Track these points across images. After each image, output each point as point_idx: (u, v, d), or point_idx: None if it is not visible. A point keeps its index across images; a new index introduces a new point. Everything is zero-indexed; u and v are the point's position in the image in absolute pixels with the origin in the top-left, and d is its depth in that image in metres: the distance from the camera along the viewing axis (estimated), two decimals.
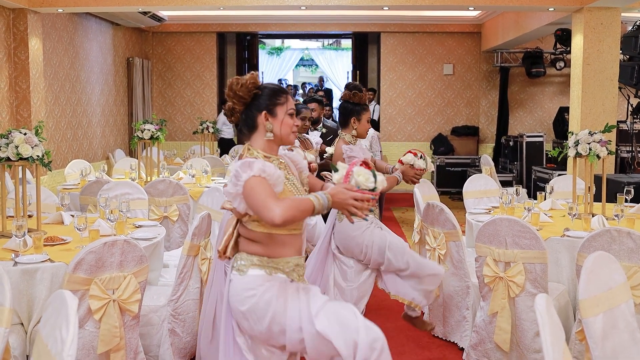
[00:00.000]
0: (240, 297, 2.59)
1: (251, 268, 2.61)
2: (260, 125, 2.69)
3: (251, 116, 2.69)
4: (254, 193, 2.46)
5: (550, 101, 12.77)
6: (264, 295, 2.56)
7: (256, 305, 2.56)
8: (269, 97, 2.69)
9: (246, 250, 2.64)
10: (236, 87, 2.64)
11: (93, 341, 3.32)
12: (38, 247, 3.84)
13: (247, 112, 2.69)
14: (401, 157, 4.33)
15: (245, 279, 2.60)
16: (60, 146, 9.30)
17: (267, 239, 2.62)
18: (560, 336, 2.34)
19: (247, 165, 2.50)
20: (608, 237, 3.73)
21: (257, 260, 2.61)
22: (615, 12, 7.75)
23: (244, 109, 2.70)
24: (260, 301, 2.55)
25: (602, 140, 5.03)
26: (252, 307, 2.56)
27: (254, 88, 2.67)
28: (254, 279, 2.59)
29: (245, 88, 2.64)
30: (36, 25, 8.23)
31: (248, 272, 2.61)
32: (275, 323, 2.54)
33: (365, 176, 2.54)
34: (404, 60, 12.97)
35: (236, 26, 12.99)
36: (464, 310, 4.59)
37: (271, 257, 2.63)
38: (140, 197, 5.69)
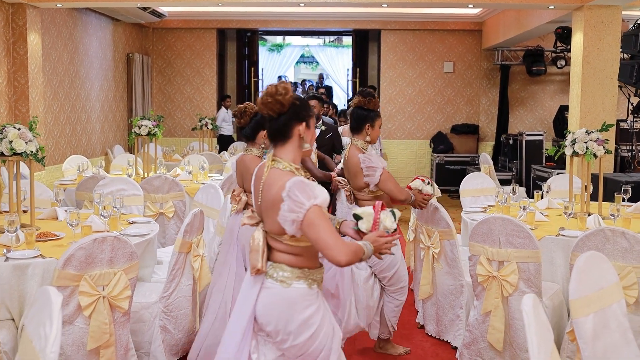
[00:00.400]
0: (283, 307, 2.57)
1: (295, 281, 2.58)
2: (295, 136, 2.63)
3: (289, 126, 2.62)
4: (319, 228, 2.43)
5: (551, 99, 12.74)
6: (309, 309, 2.57)
7: (300, 318, 2.56)
8: (306, 107, 2.66)
9: (285, 262, 2.60)
10: (281, 96, 2.58)
11: (83, 337, 3.31)
12: (30, 242, 3.83)
13: (282, 121, 2.61)
14: (410, 184, 4.35)
15: (290, 292, 2.57)
16: (58, 141, 9.29)
17: (306, 251, 2.60)
18: (547, 337, 2.32)
19: (307, 190, 2.45)
20: (602, 237, 3.71)
21: (299, 272, 2.59)
22: (615, 10, 7.72)
23: (275, 117, 2.62)
24: (306, 315, 2.56)
25: (599, 139, 5.00)
26: (295, 320, 2.56)
27: (293, 98, 2.63)
28: (299, 291, 2.58)
29: (289, 97, 2.59)
30: (35, 20, 8.21)
31: (293, 284, 2.58)
32: (313, 337, 2.57)
33: (390, 219, 2.64)
34: (404, 58, 12.94)
35: (236, 22, 12.96)
36: (457, 309, 4.57)
37: (310, 269, 2.62)
38: (136, 194, 5.68)
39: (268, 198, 2.57)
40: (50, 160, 8.98)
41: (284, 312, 2.55)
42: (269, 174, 2.60)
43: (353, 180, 4.18)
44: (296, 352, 2.58)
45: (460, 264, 4.54)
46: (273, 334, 2.59)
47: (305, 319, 2.55)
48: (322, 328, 2.59)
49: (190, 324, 4.16)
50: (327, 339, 2.60)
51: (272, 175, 2.59)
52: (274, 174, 2.59)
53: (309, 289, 2.59)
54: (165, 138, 12.96)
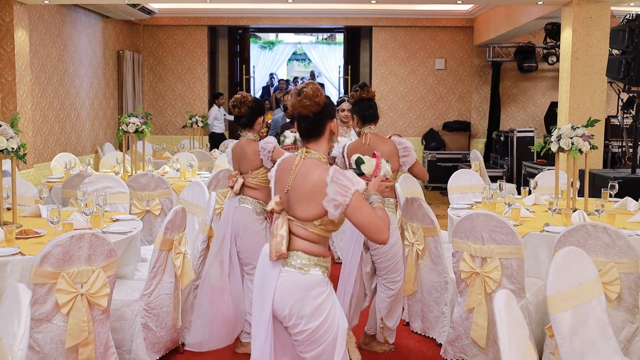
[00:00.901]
0: (300, 293, 2.69)
1: (312, 268, 2.72)
2: (327, 132, 2.82)
3: (322, 123, 2.80)
4: (364, 211, 2.64)
5: (543, 96, 12.73)
6: (322, 295, 2.72)
7: (314, 304, 2.69)
8: (333, 105, 2.89)
9: (302, 249, 2.73)
10: (317, 98, 2.75)
11: (61, 335, 3.29)
12: (10, 240, 3.81)
13: (317, 119, 2.78)
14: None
15: (307, 278, 2.70)
16: (47, 139, 9.25)
17: (322, 239, 2.77)
18: (521, 333, 2.30)
19: (349, 176, 2.64)
20: (584, 232, 3.70)
21: (316, 260, 2.73)
22: (604, 6, 7.72)
23: (311, 116, 2.77)
24: (319, 301, 2.70)
25: (585, 135, 4.99)
26: (309, 305, 2.68)
27: (326, 97, 2.83)
28: (315, 278, 2.71)
29: (324, 97, 2.79)
30: (22, 16, 8.17)
31: (310, 271, 2.71)
32: (322, 324, 2.70)
33: (387, 166, 3.04)
34: (395, 55, 12.92)
35: (228, 20, 12.92)
36: (442, 306, 4.56)
37: (324, 257, 2.77)
38: (122, 191, 5.65)
39: (304, 185, 2.71)
40: (39, 158, 8.93)
41: (299, 298, 2.68)
42: (302, 163, 2.76)
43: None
44: (305, 337, 2.69)
45: (445, 260, 4.53)
46: (286, 319, 2.70)
47: (318, 305, 2.69)
48: (331, 315, 2.72)
49: (172, 322, 4.14)
50: (334, 327, 2.72)
51: (307, 165, 2.75)
52: (309, 163, 2.75)
53: (323, 277, 2.74)
54: (156, 136, 12.92)
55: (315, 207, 2.67)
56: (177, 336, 4.29)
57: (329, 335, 2.70)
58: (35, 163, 8.70)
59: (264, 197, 4.33)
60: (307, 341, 2.70)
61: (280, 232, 2.71)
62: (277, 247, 2.69)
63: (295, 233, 2.74)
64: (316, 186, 2.66)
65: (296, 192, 2.74)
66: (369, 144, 4.27)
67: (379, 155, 2.97)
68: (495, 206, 5.12)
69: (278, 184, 2.86)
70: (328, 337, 2.70)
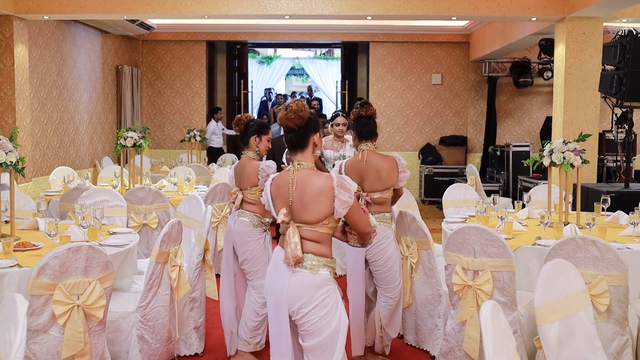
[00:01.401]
0: (311, 290, 3.00)
1: (321, 268, 3.04)
2: (310, 144, 3.14)
3: (306, 136, 3.11)
4: (358, 209, 3.07)
5: (539, 111, 12.83)
6: (329, 292, 3.03)
7: (319, 299, 3.00)
8: (317, 120, 3.19)
9: (312, 251, 3.04)
10: (302, 112, 3.07)
11: (57, 346, 3.33)
12: (7, 252, 3.86)
13: (301, 133, 3.10)
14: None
15: (317, 277, 3.02)
16: (46, 153, 9.31)
17: (328, 239, 3.10)
18: (507, 344, 2.35)
19: (348, 180, 3.02)
20: (573, 246, 3.76)
21: (324, 261, 3.05)
22: (597, 22, 7.82)
23: (296, 129, 3.09)
24: (324, 297, 3.01)
25: (576, 149, 5.06)
26: (315, 299, 2.99)
27: (310, 112, 3.14)
28: (324, 277, 3.03)
29: (308, 112, 3.10)
30: (22, 32, 8.26)
31: (320, 271, 3.03)
32: (324, 317, 3.00)
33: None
34: (392, 70, 13.03)
35: (226, 35, 13.04)
36: (436, 319, 4.60)
37: (329, 258, 3.09)
38: (119, 205, 5.71)
39: (309, 192, 3.01)
40: (38, 172, 8.99)
41: (309, 294, 3.00)
42: (298, 175, 3.06)
43: (385, 181, 4.33)
44: (308, 327, 3.00)
45: (438, 273, 4.58)
46: (295, 313, 3.02)
47: (323, 300, 3.00)
48: (333, 310, 3.02)
49: (168, 334, 4.18)
50: (335, 321, 3.01)
51: (304, 175, 3.06)
52: (305, 173, 3.07)
53: (330, 276, 3.06)
54: (154, 150, 13.00)
55: (322, 209, 2.99)
56: (173, 348, 4.33)
57: (330, 328, 2.98)
58: (33, 177, 8.76)
59: (261, 211, 4.49)
60: (309, 331, 3.00)
61: (294, 240, 3.00)
62: (293, 253, 2.98)
63: (305, 237, 3.04)
64: (323, 191, 2.98)
65: (301, 200, 3.03)
66: (366, 161, 4.35)
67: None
68: (488, 220, 5.18)
69: (278, 199, 3.12)
70: (329, 329, 2.98)
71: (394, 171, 4.34)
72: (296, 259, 2.98)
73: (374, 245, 4.29)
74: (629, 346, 3.77)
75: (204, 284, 4.64)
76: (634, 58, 6.50)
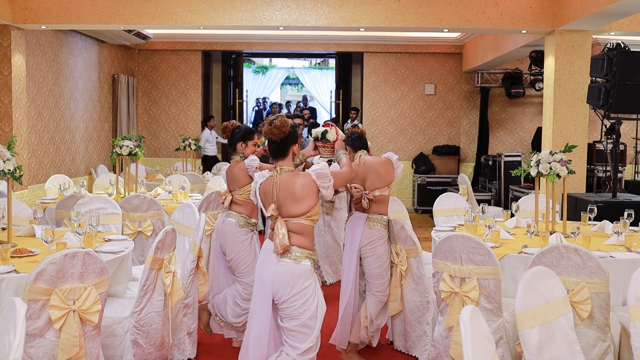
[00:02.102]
0: (293, 279, 3.49)
1: (304, 259, 3.53)
2: (290, 153, 3.65)
3: (287, 146, 3.63)
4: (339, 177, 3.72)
5: (530, 121, 12.97)
6: (309, 281, 3.53)
7: (300, 287, 3.49)
8: (296, 133, 3.72)
9: (297, 244, 3.54)
10: (284, 128, 3.58)
11: (53, 350, 3.41)
12: (5, 258, 3.94)
13: (283, 144, 3.62)
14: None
15: (300, 267, 3.51)
16: (42, 161, 9.40)
17: (310, 232, 3.59)
18: (487, 347, 2.45)
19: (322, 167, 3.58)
20: (557, 254, 3.87)
21: (307, 253, 3.54)
22: (585, 35, 7.96)
23: (278, 141, 3.61)
24: (304, 286, 3.50)
25: (563, 160, 5.18)
26: (296, 287, 3.48)
27: (291, 126, 3.65)
28: (306, 268, 3.53)
29: (289, 127, 3.61)
30: (20, 41, 8.36)
31: (302, 262, 3.52)
32: (304, 304, 3.50)
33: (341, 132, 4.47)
34: (386, 80, 13.16)
35: (221, 44, 13.16)
36: (424, 325, 4.70)
37: (311, 251, 3.58)
38: (114, 212, 5.79)
39: (292, 190, 3.52)
40: (34, 180, 9.08)
41: (292, 282, 3.49)
42: (280, 178, 3.58)
43: (384, 179, 4.76)
44: (289, 312, 3.51)
45: (427, 281, 4.68)
46: (278, 297, 3.50)
47: (304, 288, 3.50)
48: (312, 298, 3.52)
49: (162, 339, 4.26)
50: (313, 307, 3.51)
51: (285, 177, 3.58)
52: (286, 175, 3.59)
53: (311, 267, 3.54)
54: (150, 158, 13.09)
55: (307, 202, 3.52)
56: (167, 353, 4.41)
57: (309, 313, 3.50)
58: (29, 184, 8.84)
59: (247, 212, 4.95)
60: (289, 315, 3.51)
61: (281, 231, 3.49)
62: (282, 242, 3.47)
63: (290, 229, 3.54)
64: (305, 187, 3.52)
65: (288, 198, 3.54)
66: (364, 163, 4.74)
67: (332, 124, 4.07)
68: (477, 228, 5.28)
69: (265, 198, 3.63)
70: (307, 314, 3.50)
71: (391, 168, 4.79)
72: (284, 248, 3.47)
73: (370, 242, 4.70)
74: (611, 352, 3.87)
75: (197, 290, 4.73)
76: (620, 71, 6.64)
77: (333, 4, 8.27)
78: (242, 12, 8.28)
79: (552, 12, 8.00)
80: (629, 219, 5.08)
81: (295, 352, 3.50)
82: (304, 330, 3.49)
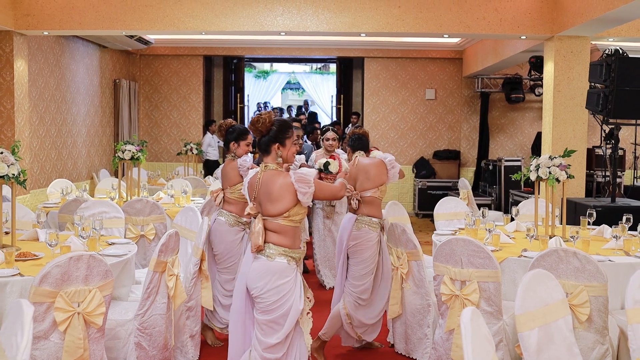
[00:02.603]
0: (267, 275, 3.50)
1: (278, 257, 3.52)
2: (273, 151, 3.60)
3: (269, 144, 3.60)
4: (323, 188, 3.65)
5: (530, 126, 13.02)
6: (286, 279, 3.52)
7: (275, 284, 3.49)
8: (282, 132, 3.62)
9: (272, 241, 3.53)
10: (259, 124, 3.58)
11: (58, 352, 3.45)
12: (9, 262, 3.98)
13: (264, 141, 3.60)
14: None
15: (274, 264, 3.51)
16: (44, 165, 9.45)
17: (292, 231, 3.56)
18: (487, 348, 2.49)
19: (305, 171, 3.53)
20: (555, 257, 3.90)
21: (282, 250, 3.53)
22: (584, 41, 8.02)
23: (260, 137, 3.61)
24: (279, 283, 3.50)
25: (562, 165, 5.22)
26: (271, 284, 3.49)
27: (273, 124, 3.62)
28: (281, 265, 3.52)
29: (267, 125, 3.59)
30: (22, 47, 8.42)
31: (276, 259, 3.52)
32: (279, 301, 3.50)
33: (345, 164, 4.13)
34: (387, 85, 13.22)
35: (223, 50, 13.23)
36: (425, 328, 4.74)
37: (290, 248, 3.55)
38: (117, 216, 5.83)
39: (272, 189, 3.50)
40: (36, 184, 9.12)
41: (265, 278, 3.50)
42: (264, 175, 3.55)
43: (374, 180, 4.82)
44: (263, 306, 3.52)
45: (428, 284, 4.72)
46: (253, 291, 3.53)
47: (278, 285, 3.50)
48: (287, 296, 3.51)
49: (165, 341, 4.30)
50: (288, 306, 3.50)
51: (268, 175, 3.55)
52: (269, 174, 3.56)
53: (288, 265, 3.54)
54: (151, 162, 13.14)
55: (283, 203, 3.49)
56: (170, 356, 4.44)
57: (281, 311, 3.49)
58: (31, 189, 8.89)
59: (238, 211, 5.06)
60: (264, 310, 3.52)
61: (256, 230, 3.51)
62: (255, 241, 3.51)
63: (269, 228, 3.55)
64: (283, 188, 3.48)
65: (265, 196, 3.53)
66: (356, 164, 4.86)
67: (337, 155, 3.97)
68: (477, 232, 5.32)
69: (250, 194, 3.63)
70: (281, 311, 3.49)
71: (383, 170, 4.84)
72: (257, 247, 3.50)
73: (356, 243, 4.79)
74: (609, 355, 3.90)
75: (199, 293, 4.77)
76: (619, 76, 6.69)
77: (334, 9, 8.33)
78: (244, 18, 8.34)
79: (551, 18, 8.05)
80: (627, 223, 5.12)
81: (261, 346, 3.51)
82: (273, 326, 3.51)
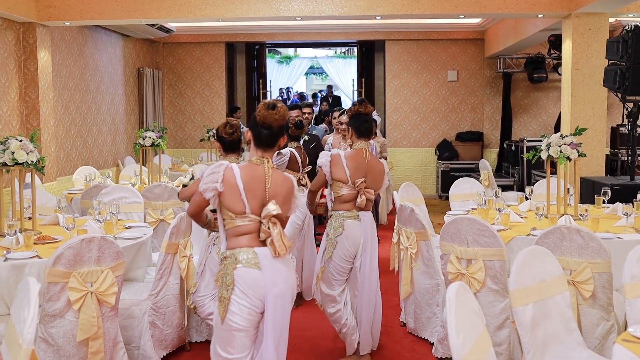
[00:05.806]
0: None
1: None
2: (277, 145, 3.28)
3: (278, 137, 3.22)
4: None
5: (554, 106, 12.89)
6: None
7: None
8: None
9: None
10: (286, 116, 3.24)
11: (73, 330, 3.60)
12: (28, 245, 4.15)
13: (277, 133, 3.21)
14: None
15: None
16: (70, 153, 9.68)
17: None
18: (476, 322, 2.55)
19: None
20: (559, 235, 3.93)
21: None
22: (602, 18, 7.92)
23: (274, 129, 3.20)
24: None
25: (573, 143, 5.21)
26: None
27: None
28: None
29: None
30: (45, 38, 8.61)
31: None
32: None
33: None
34: (408, 68, 13.19)
35: (244, 36, 13.32)
36: (434, 307, 4.80)
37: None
38: (136, 201, 5.99)
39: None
40: (62, 172, 9.35)
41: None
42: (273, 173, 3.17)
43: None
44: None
45: (436, 263, 4.78)
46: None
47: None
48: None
49: (179, 320, 4.44)
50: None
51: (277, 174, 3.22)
52: (276, 172, 3.22)
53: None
54: (176, 149, 13.35)
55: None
56: (184, 335, 4.59)
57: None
58: (57, 176, 9.12)
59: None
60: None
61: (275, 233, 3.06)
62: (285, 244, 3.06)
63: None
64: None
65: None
66: (367, 161, 4.41)
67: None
68: (487, 212, 5.36)
69: (250, 189, 3.06)
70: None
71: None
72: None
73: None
74: (615, 331, 3.92)
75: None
76: (635, 53, 6.62)
77: None
78: (259, 4, 8.41)
79: None
80: None
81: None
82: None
